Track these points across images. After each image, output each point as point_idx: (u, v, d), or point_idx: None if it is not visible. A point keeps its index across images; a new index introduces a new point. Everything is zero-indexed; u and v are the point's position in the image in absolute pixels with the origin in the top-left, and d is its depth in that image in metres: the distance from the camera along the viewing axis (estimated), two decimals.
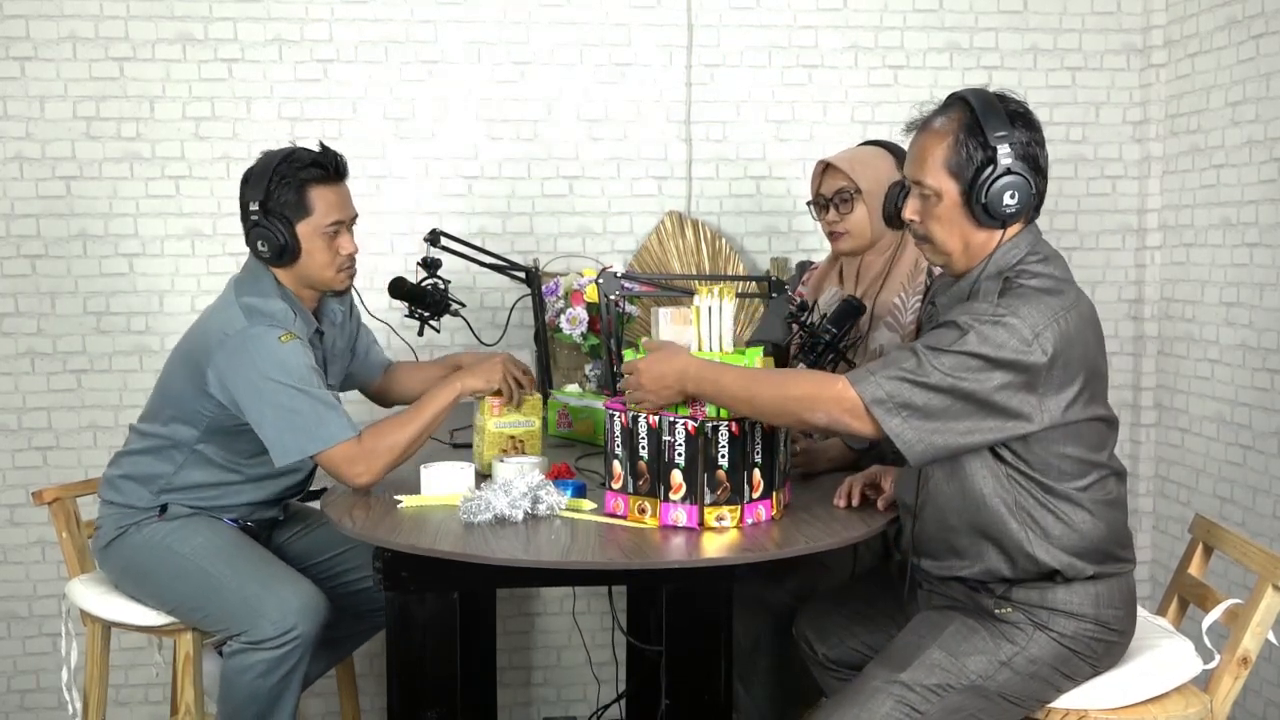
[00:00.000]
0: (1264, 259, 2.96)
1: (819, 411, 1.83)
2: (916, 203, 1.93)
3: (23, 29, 3.13)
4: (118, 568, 2.42)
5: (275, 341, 2.20)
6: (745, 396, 1.86)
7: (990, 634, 1.89)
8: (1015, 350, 1.76)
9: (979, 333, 1.77)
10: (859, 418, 1.81)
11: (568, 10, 3.28)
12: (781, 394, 1.85)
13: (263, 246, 2.29)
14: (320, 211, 2.31)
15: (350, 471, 2.18)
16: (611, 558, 1.79)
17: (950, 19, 3.37)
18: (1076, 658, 1.89)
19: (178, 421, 2.36)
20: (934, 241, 1.93)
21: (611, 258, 3.33)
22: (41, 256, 3.19)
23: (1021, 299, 1.81)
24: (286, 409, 2.17)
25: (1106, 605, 1.89)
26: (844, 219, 2.48)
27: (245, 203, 2.31)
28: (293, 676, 2.28)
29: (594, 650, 3.35)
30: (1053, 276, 1.86)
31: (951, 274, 1.98)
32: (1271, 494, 2.93)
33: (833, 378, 1.84)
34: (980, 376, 1.77)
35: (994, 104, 1.87)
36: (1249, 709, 3.03)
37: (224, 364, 2.22)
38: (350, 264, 2.38)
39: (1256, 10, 2.95)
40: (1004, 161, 1.83)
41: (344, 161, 2.37)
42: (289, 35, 3.21)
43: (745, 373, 1.89)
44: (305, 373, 2.20)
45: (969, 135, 1.86)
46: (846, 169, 2.46)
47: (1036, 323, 1.78)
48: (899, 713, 1.84)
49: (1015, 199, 1.84)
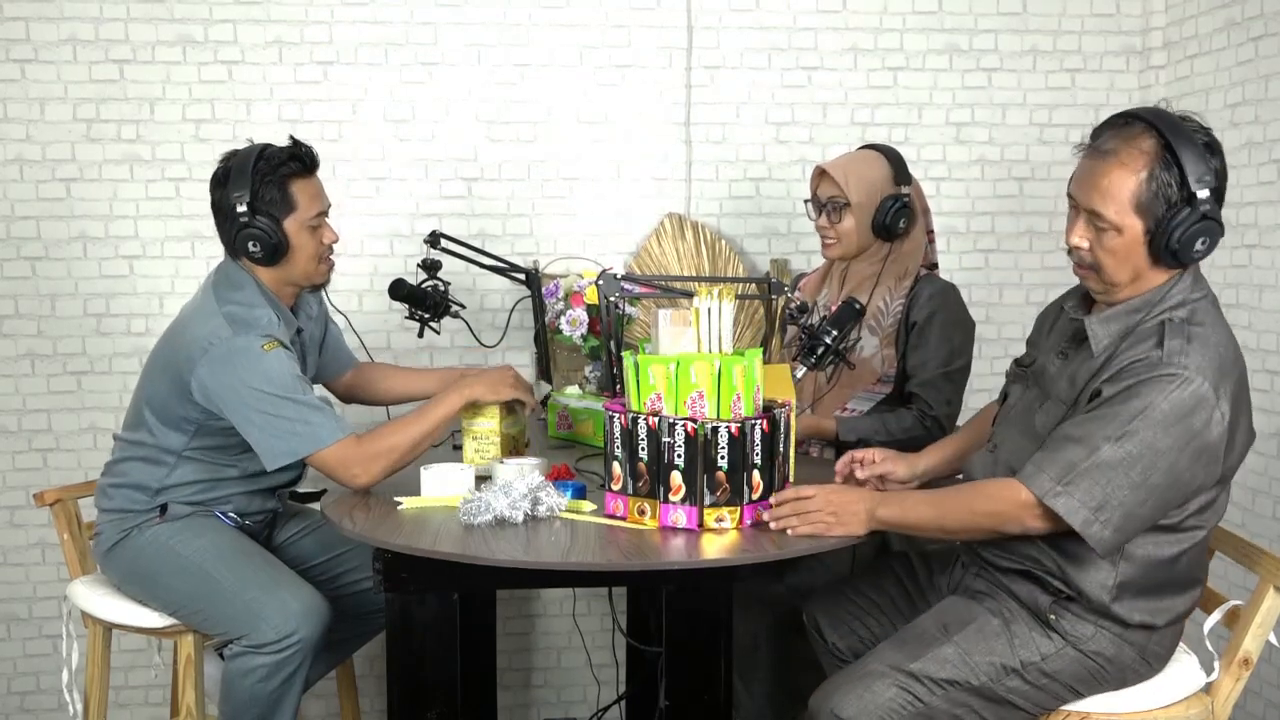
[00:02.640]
0: (1263, 260, 2.96)
1: (1010, 524, 1.81)
2: (1088, 231, 1.79)
3: (23, 31, 3.13)
4: (121, 571, 2.41)
5: (259, 351, 2.20)
6: (935, 524, 1.86)
7: (1010, 636, 1.87)
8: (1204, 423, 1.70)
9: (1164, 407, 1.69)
10: (1050, 519, 1.77)
11: (567, 12, 3.28)
12: (970, 513, 1.84)
13: (255, 247, 2.28)
14: (304, 205, 2.33)
15: (346, 474, 2.18)
16: (611, 559, 1.79)
17: (950, 20, 3.38)
18: (1095, 679, 1.88)
19: (165, 427, 2.35)
20: (1102, 272, 1.80)
21: (611, 259, 3.33)
22: (42, 258, 3.19)
23: (1203, 356, 1.72)
24: (273, 416, 2.18)
25: (1157, 641, 1.88)
26: (833, 227, 2.55)
27: (227, 205, 2.28)
28: (294, 680, 2.28)
29: (594, 651, 3.35)
30: (1220, 326, 1.79)
31: (1105, 300, 1.86)
32: (1271, 494, 2.93)
33: (1013, 487, 1.79)
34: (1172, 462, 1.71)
35: (1186, 133, 1.72)
36: (1249, 710, 3.03)
37: (207, 375, 2.22)
38: (330, 254, 2.41)
39: (1256, 12, 2.96)
40: (1203, 208, 1.70)
41: (316, 153, 2.38)
42: (289, 37, 3.21)
43: (931, 499, 1.88)
44: (290, 380, 2.20)
45: (1164, 170, 1.71)
46: (840, 179, 2.51)
47: (1221, 387, 1.71)
48: (901, 700, 1.83)
49: (1206, 245, 1.73)
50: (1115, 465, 1.70)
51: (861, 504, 1.89)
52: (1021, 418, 1.95)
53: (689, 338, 1.99)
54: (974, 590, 1.98)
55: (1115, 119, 1.80)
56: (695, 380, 1.90)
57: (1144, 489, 1.71)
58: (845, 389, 2.55)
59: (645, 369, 1.93)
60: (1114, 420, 1.71)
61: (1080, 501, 1.73)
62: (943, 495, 1.89)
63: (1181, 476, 1.72)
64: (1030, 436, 1.89)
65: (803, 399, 2.57)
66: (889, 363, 2.52)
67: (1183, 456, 1.71)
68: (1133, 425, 1.69)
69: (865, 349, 2.52)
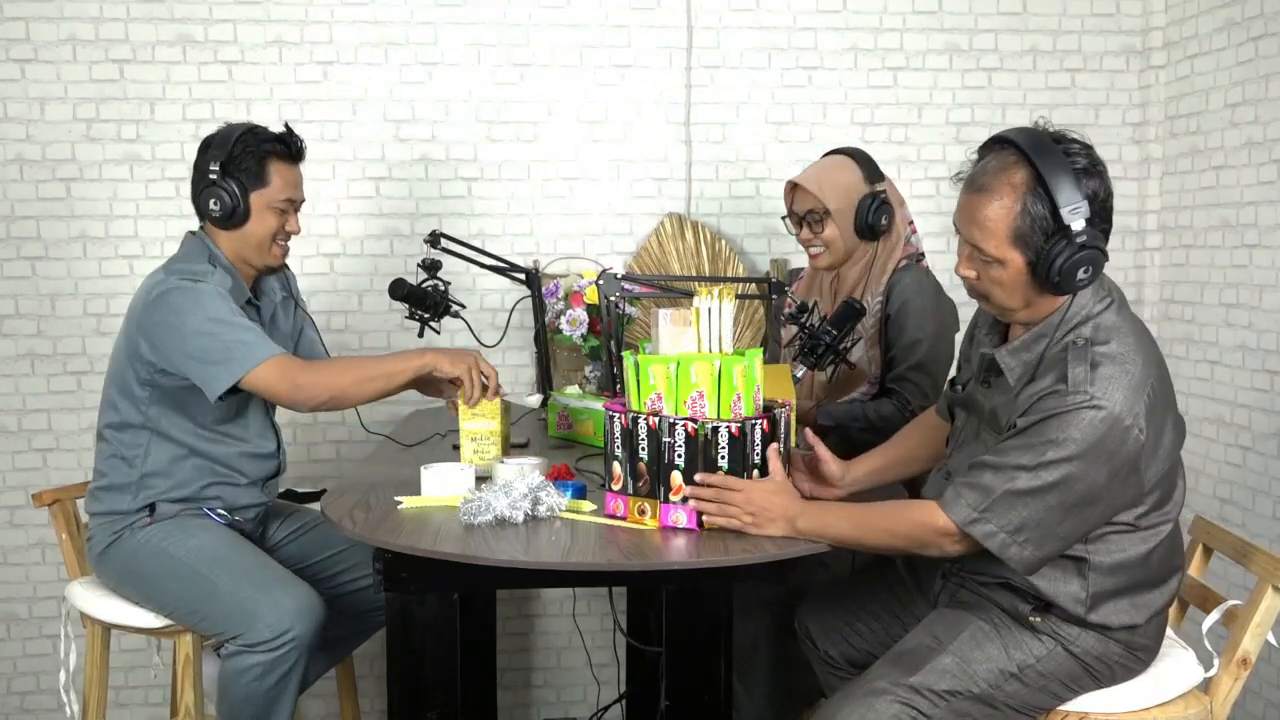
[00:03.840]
0: (1263, 260, 2.96)
1: (930, 548, 1.83)
2: (973, 264, 1.81)
3: (23, 31, 3.13)
4: (114, 573, 2.41)
5: (190, 285, 2.25)
6: (854, 541, 1.87)
7: (1004, 641, 1.88)
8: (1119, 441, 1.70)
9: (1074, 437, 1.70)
10: (967, 543, 1.80)
11: (567, 12, 3.29)
12: (889, 535, 1.85)
13: (214, 205, 2.33)
14: (276, 186, 2.37)
15: (288, 386, 2.21)
16: (611, 559, 1.79)
17: (950, 20, 3.38)
18: (1089, 675, 1.88)
19: (124, 400, 2.37)
20: (992, 301, 1.84)
21: (611, 259, 3.33)
22: (42, 258, 3.19)
23: (1110, 379, 1.71)
24: (208, 340, 2.21)
25: (1141, 634, 1.88)
26: (817, 238, 2.54)
27: (203, 166, 2.34)
28: (290, 678, 2.28)
29: (594, 651, 3.35)
30: (1126, 335, 1.78)
31: (1006, 320, 1.90)
32: (1271, 495, 2.93)
33: (933, 513, 1.81)
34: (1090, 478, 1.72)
35: (1055, 154, 1.71)
36: (1249, 710, 3.03)
37: (146, 319, 2.27)
38: (287, 241, 2.44)
39: (1255, 12, 2.96)
40: (1079, 239, 1.70)
41: (304, 145, 2.43)
42: (289, 37, 3.21)
43: (852, 516, 1.88)
44: (221, 310, 2.23)
45: (1036, 202, 1.72)
46: (814, 190, 2.50)
47: (1133, 404, 1.70)
48: (904, 715, 1.83)
49: (1089, 273, 1.73)
50: (1032, 493, 1.73)
51: (782, 511, 1.87)
52: (969, 445, 1.97)
53: (689, 338, 1.98)
54: (960, 601, 1.99)
55: (991, 143, 1.80)
56: (695, 380, 1.90)
57: (1060, 510, 1.74)
58: (837, 393, 2.55)
59: (645, 369, 1.93)
60: (1029, 451, 1.73)
61: (998, 526, 1.76)
62: (865, 513, 1.89)
63: (1100, 496, 1.74)
64: (970, 455, 1.92)
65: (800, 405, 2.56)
66: (875, 363, 2.52)
67: (1099, 478, 1.72)
68: (1047, 456, 1.71)
69: (855, 352, 2.51)
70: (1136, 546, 1.83)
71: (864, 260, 2.55)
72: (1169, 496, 1.85)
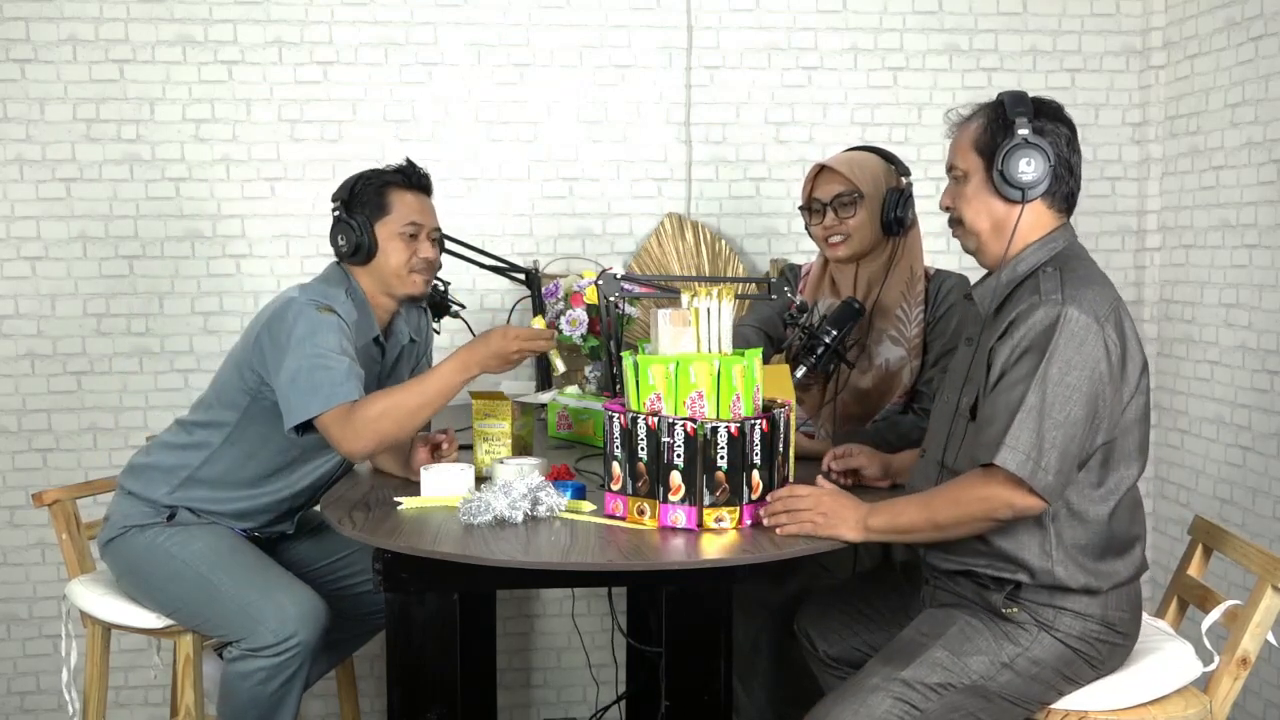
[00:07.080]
0: (1263, 260, 2.96)
1: (1000, 507, 1.83)
2: (951, 188, 2.00)
3: (23, 31, 3.13)
4: (118, 565, 2.42)
5: (314, 310, 2.23)
6: (926, 522, 1.88)
7: (994, 634, 1.89)
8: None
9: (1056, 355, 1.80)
10: (1021, 488, 1.82)
11: (567, 12, 3.29)
12: (956, 503, 1.86)
13: (341, 241, 2.35)
14: (398, 213, 2.36)
15: (338, 434, 2.12)
16: (611, 559, 1.79)
17: (950, 20, 3.38)
18: (1080, 659, 1.89)
19: (220, 401, 2.39)
20: (965, 223, 1.98)
21: (611, 259, 3.33)
22: (41, 259, 3.19)
23: (1080, 288, 1.84)
24: (307, 368, 2.15)
25: (1114, 607, 1.89)
26: (844, 222, 2.44)
27: (332, 207, 2.39)
28: (293, 683, 2.28)
29: (594, 652, 3.35)
30: (1091, 268, 1.92)
31: (984, 264, 2.00)
32: (1271, 495, 2.93)
33: (985, 471, 1.83)
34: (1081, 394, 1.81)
35: (1024, 97, 1.95)
36: (1248, 710, 3.03)
37: (265, 333, 2.26)
38: (425, 268, 2.40)
39: (1255, 12, 2.96)
40: (1020, 133, 1.89)
41: (426, 174, 2.45)
42: (289, 37, 3.21)
43: (915, 501, 1.90)
44: (331, 342, 2.18)
45: (996, 116, 1.94)
46: (846, 172, 2.43)
47: (1100, 311, 1.82)
48: (898, 710, 1.84)
49: (1031, 166, 1.89)
50: (1039, 409, 1.79)
51: (852, 511, 1.90)
52: (941, 412, 2.05)
53: (689, 338, 1.99)
54: (941, 602, 2.00)
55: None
56: (695, 380, 1.90)
57: (1069, 425, 1.79)
58: (875, 403, 2.47)
59: (645, 369, 1.93)
60: (1024, 376, 1.81)
61: (1024, 453, 1.79)
62: (927, 496, 1.91)
63: (1096, 403, 1.81)
64: (948, 420, 1.99)
65: (821, 420, 2.50)
66: (915, 375, 2.44)
67: (1092, 384, 1.80)
68: (1040, 370, 1.79)
69: (891, 362, 2.44)
70: (1096, 506, 1.87)
71: (883, 256, 2.47)
72: (1131, 455, 1.90)
